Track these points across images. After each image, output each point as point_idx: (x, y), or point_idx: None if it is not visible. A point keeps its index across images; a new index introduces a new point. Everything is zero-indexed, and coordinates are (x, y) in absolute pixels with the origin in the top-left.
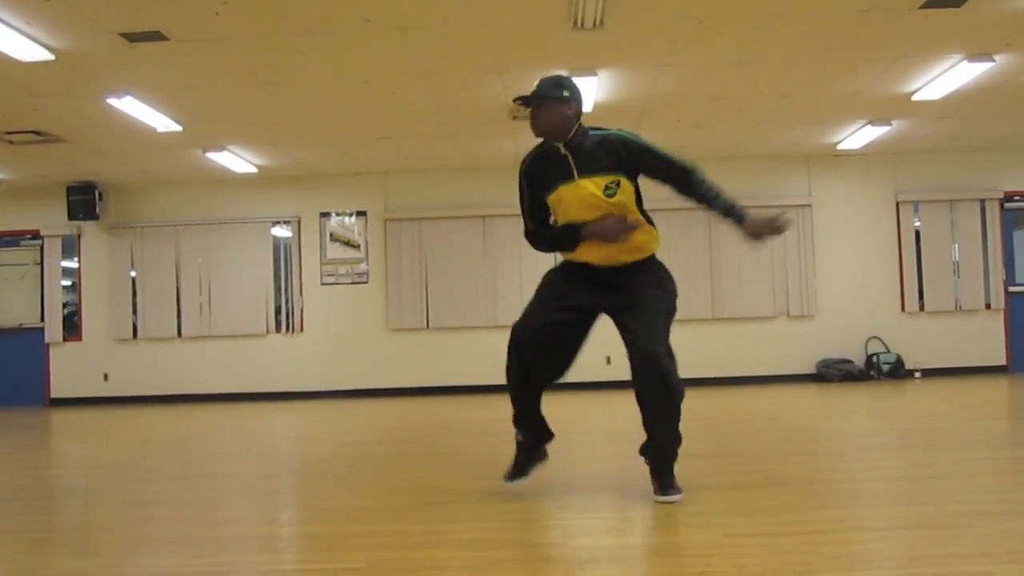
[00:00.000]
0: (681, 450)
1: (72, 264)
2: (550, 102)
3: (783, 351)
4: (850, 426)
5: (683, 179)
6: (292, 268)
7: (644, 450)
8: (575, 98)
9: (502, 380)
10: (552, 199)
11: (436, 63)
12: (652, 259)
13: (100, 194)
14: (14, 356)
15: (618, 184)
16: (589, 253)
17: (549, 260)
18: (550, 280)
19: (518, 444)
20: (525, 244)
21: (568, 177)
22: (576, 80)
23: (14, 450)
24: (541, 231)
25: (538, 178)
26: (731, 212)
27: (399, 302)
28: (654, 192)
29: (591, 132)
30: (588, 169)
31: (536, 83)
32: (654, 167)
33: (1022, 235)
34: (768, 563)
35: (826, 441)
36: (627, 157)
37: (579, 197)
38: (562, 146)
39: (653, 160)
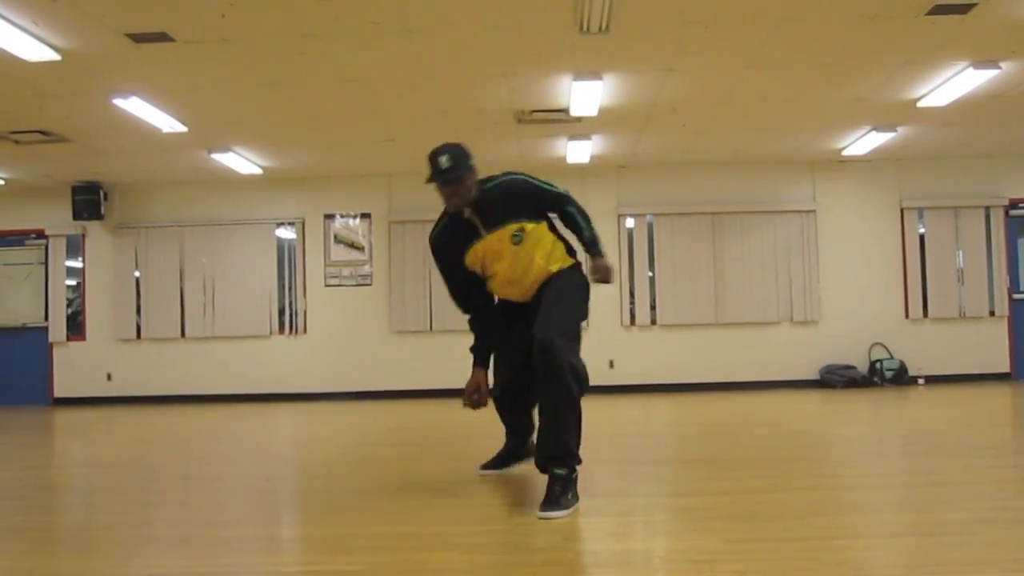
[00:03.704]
0: (684, 455)
1: (76, 264)
2: (467, 173)
3: (786, 357)
4: (853, 432)
5: (562, 208)
6: (296, 269)
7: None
8: (474, 161)
9: None
10: (469, 259)
11: (441, 66)
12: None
13: (105, 194)
14: (18, 355)
15: (523, 230)
16: (510, 294)
17: None
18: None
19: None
20: None
21: (477, 236)
22: (581, 84)
23: (17, 449)
24: (470, 307)
25: (450, 248)
26: (591, 247)
27: (403, 304)
28: (656, 195)
29: (484, 186)
30: (493, 223)
31: (442, 158)
32: (550, 206)
33: None
34: (770, 569)
35: (829, 447)
36: (529, 199)
37: (489, 248)
38: (467, 210)
39: (550, 199)
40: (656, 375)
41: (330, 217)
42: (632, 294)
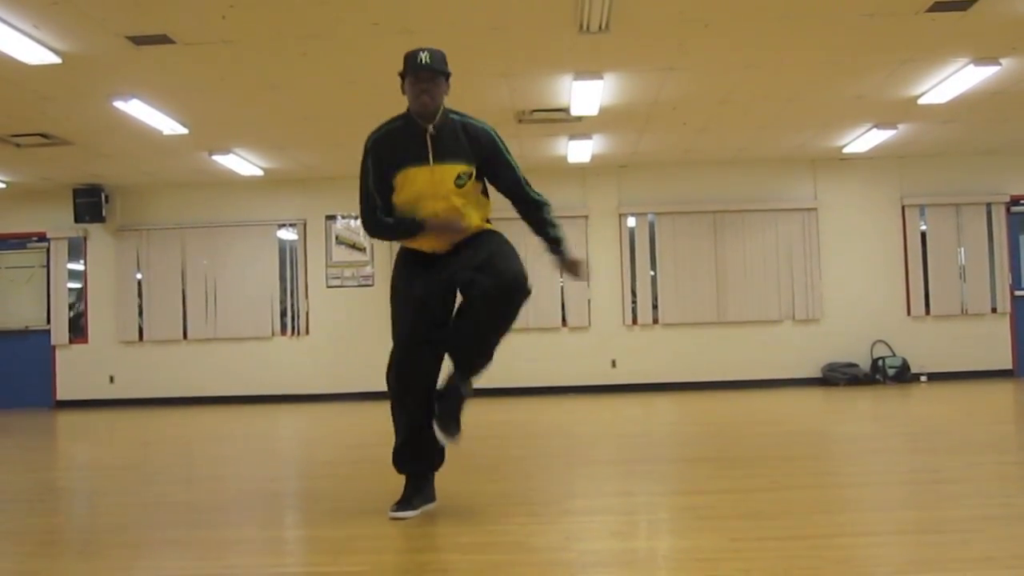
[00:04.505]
0: (687, 454)
1: (78, 266)
2: (442, 78)
3: (789, 355)
4: (856, 430)
5: (523, 200)
6: (298, 271)
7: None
8: (450, 73)
9: (507, 383)
10: (399, 178)
11: None
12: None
13: (106, 197)
14: (20, 358)
15: (470, 176)
16: (426, 243)
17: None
18: (403, 293)
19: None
20: (531, 246)
21: (422, 159)
22: (582, 84)
23: (20, 452)
24: (382, 218)
25: (387, 157)
26: (558, 245)
27: None
28: (657, 194)
29: (451, 115)
30: (446, 154)
31: (423, 53)
32: (501, 175)
33: None
34: (774, 567)
35: (832, 445)
36: (483, 152)
37: (430, 181)
38: (431, 127)
39: (504, 168)
40: (658, 374)
41: (331, 218)
42: (634, 293)
